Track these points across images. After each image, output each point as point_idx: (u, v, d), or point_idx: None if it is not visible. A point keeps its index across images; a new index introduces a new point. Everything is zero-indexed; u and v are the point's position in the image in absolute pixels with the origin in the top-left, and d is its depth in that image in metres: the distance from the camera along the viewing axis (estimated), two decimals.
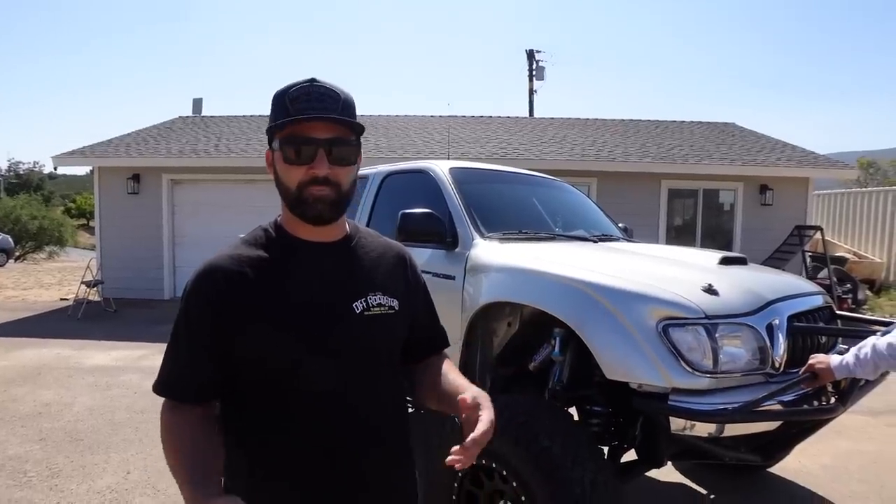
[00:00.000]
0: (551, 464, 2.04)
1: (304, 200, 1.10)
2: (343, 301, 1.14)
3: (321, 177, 1.08)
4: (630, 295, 2.22)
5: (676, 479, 3.66)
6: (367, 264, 1.22)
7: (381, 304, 1.18)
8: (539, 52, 24.01)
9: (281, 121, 1.08)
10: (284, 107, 1.09)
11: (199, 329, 1.09)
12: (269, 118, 1.14)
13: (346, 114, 1.10)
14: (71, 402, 5.01)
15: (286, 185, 1.12)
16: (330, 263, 1.17)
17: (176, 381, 1.11)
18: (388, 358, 1.22)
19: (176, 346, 1.12)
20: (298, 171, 1.09)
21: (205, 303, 1.09)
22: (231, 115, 15.09)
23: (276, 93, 1.12)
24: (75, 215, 38.06)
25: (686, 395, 2.05)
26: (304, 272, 1.14)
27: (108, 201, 11.31)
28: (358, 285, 1.17)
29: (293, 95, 1.09)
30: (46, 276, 15.29)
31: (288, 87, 1.11)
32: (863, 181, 22.61)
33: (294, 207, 1.13)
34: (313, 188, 1.09)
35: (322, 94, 1.09)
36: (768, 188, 10.86)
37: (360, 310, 1.15)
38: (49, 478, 3.55)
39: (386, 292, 1.20)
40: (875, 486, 3.62)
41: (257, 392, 1.11)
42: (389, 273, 1.24)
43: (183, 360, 1.11)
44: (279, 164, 1.12)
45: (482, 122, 14.77)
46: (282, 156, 1.11)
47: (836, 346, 2.65)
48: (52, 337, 7.69)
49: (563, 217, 3.77)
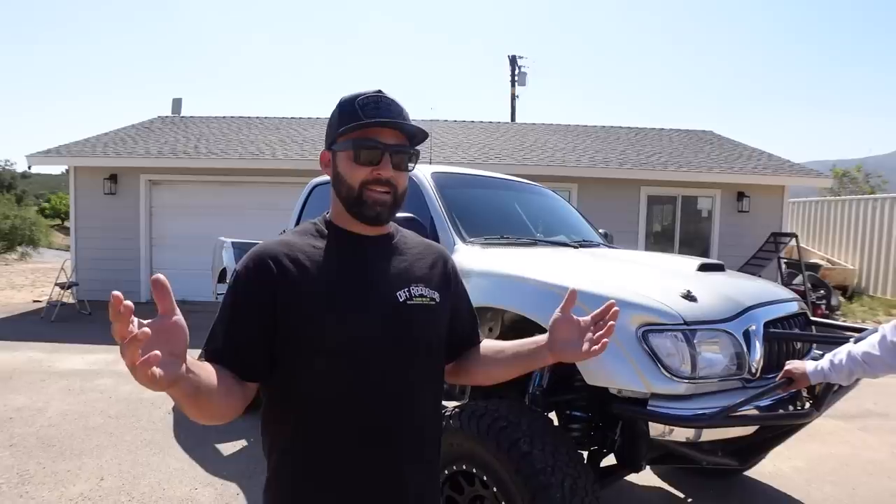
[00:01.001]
0: (531, 469, 2.05)
1: (363, 200, 1.19)
2: (388, 290, 1.21)
3: (384, 178, 1.19)
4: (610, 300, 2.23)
5: (655, 484, 3.70)
6: (410, 258, 1.30)
7: (423, 294, 1.25)
8: (521, 58, 24.18)
9: (355, 123, 1.17)
10: (355, 112, 1.18)
11: (253, 307, 1.12)
12: (331, 121, 1.23)
13: (403, 121, 1.21)
14: (43, 407, 4.90)
15: (349, 184, 1.20)
16: (376, 255, 1.25)
17: (224, 352, 1.11)
18: (428, 347, 1.26)
19: (228, 322, 1.13)
20: (364, 170, 1.19)
21: (260, 282, 1.13)
22: (211, 116, 14.93)
23: (345, 99, 1.22)
24: (49, 215, 37.29)
25: (665, 401, 2.07)
26: (353, 261, 1.21)
27: (83, 201, 11.11)
28: (402, 276, 1.25)
29: (363, 102, 1.19)
30: (18, 278, 14.96)
31: (357, 95, 1.21)
32: (836, 189, 23.09)
33: (352, 206, 1.21)
34: (376, 188, 1.19)
35: (388, 104, 1.20)
36: (745, 195, 11.03)
37: (403, 298, 1.22)
38: (19, 485, 3.47)
39: (428, 285, 1.28)
40: (847, 488, 3.69)
41: (305, 372, 1.14)
42: (430, 268, 1.32)
43: (235, 335, 1.12)
44: (344, 164, 1.21)
45: (464, 126, 14.80)
46: (350, 155, 1.20)
47: (811, 351, 2.70)
48: (24, 340, 7.53)
49: (545, 222, 3.79)
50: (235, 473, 3.70)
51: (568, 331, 1.18)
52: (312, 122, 14.31)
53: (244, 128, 13.48)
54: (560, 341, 1.18)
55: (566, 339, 1.17)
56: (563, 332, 1.18)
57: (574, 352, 1.16)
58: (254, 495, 3.40)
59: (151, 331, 0.86)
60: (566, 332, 1.18)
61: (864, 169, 25.34)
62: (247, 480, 3.60)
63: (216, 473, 3.70)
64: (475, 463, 2.22)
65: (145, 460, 3.87)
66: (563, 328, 1.18)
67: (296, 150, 11.35)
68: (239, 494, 3.44)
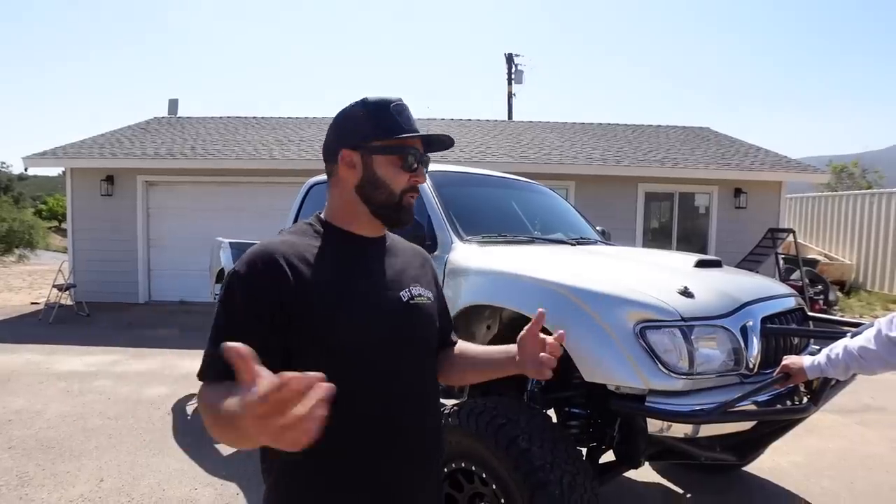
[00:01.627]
0: (530, 465, 2.06)
1: (402, 206, 1.25)
2: (392, 290, 1.25)
3: (419, 185, 1.26)
4: (607, 298, 2.24)
5: (654, 480, 3.71)
6: (404, 260, 1.34)
7: (422, 294, 1.30)
8: (518, 56, 24.16)
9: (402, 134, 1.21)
10: (391, 118, 1.22)
11: (261, 309, 1.08)
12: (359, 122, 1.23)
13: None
14: (42, 409, 4.89)
15: (391, 189, 1.23)
16: (377, 256, 1.29)
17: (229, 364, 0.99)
18: (429, 346, 1.33)
19: (232, 327, 1.05)
20: (406, 177, 1.23)
21: (265, 284, 1.10)
22: (207, 117, 14.91)
23: (374, 100, 1.23)
24: (46, 217, 37.20)
25: (663, 397, 2.08)
26: (358, 262, 1.24)
27: (80, 203, 11.08)
28: (401, 276, 1.29)
29: (398, 109, 1.23)
30: (16, 280, 14.92)
31: (387, 101, 1.23)
32: (833, 185, 23.13)
33: (387, 210, 1.24)
34: (412, 195, 1.26)
35: (410, 112, 1.26)
36: (742, 192, 11.04)
37: (406, 298, 1.26)
38: (19, 486, 3.47)
39: (421, 284, 1.32)
40: (845, 482, 3.70)
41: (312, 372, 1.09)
42: (421, 268, 1.38)
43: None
44: (387, 168, 1.22)
45: (461, 124, 14.80)
46: (394, 161, 1.22)
47: (809, 346, 2.71)
48: (23, 342, 7.50)
49: (542, 220, 3.79)
50: (235, 473, 3.71)
51: (533, 348, 1.23)
52: (309, 122, 14.29)
53: (241, 128, 13.46)
54: (524, 357, 1.25)
55: (530, 355, 1.23)
56: (529, 348, 1.24)
57: (529, 371, 1.24)
58: (253, 495, 3.41)
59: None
60: (531, 348, 1.23)
61: (861, 164, 25.39)
62: (246, 480, 3.60)
63: (216, 474, 3.70)
64: (474, 460, 2.23)
65: (145, 461, 3.87)
66: (530, 345, 1.24)
67: (293, 150, 11.34)
68: (238, 494, 3.45)
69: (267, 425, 0.71)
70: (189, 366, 6.42)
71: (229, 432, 0.84)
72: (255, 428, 0.72)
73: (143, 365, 6.49)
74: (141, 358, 6.80)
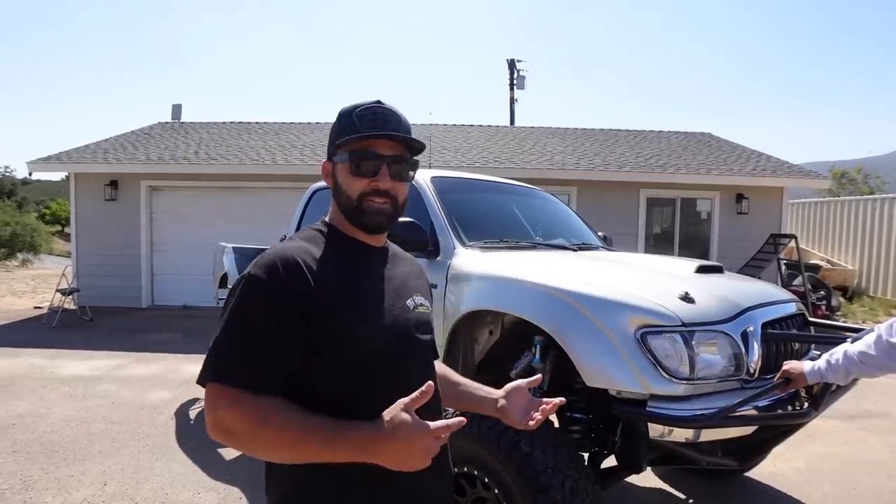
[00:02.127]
0: (532, 470, 2.07)
1: (363, 210, 1.22)
2: (401, 297, 1.27)
3: (383, 189, 1.21)
4: (609, 303, 2.26)
5: (655, 485, 3.71)
6: (405, 269, 1.36)
7: (423, 304, 1.33)
8: (520, 62, 24.25)
9: (352, 136, 1.20)
10: (352, 123, 1.21)
11: (283, 313, 1.08)
12: (332, 133, 1.26)
13: (407, 133, 1.24)
14: (46, 413, 4.91)
15: (347, 195, 1.23)
16: (382, 265, 1.30)
17: (264, 372, 1.05)
18: (433, 350, 1.36)
19: (251, 334, 1.06)
20: (361, 182, 1.21)
21: (288, 288, 1.09)
22: (211, 122, 14.96)
23: (343, 111, 1.25)
24: (50, 222, 37.25)
25: (664, 402, 2.09)
26: (366, 268, 1.25)
27: (84, 208, 11.13)
28: (405, 286, 1.31)
29: (361, 114, 1.21)
30: (19, 284, 14.97)
31: (355, 106, 1.23)
32: (835, 190, 23.11)
33: (352, 216, 1.24)
34: (375, 199, 1.21)
35: (386, 114, 1.22)
36: (744, 197, 11.05)
37: (412, 306, 1.28)
38: (22, 490, 3.48)
39: (422, 294, 1.35)
40: (848, 487, 3.70)
41: (325, 378, 1.13)
42: (418, 279, 1.39)
43: (264, 348, 1.06)
44: (343, 175, 1.23)
45: (463, 130, 14.84)
46: (347, 167, 1.22)
47: (809, 352, 2.72)
48: (26, 346, 7.53)
49: (544, 226, 3.81)
50: (238, 478, 3.72)
51: (519, 399, 1.34)
52: (312, 128, 14.34)
53: (244, 133, 13.51)
54: (511, 406, 1.34)
55: (515, 405, 1.33)
56: (516, 399, 1.34)
57: (514, 419, 1.32)
58: (256, 500, 3.42)
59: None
60: (518, 400, 1.34)
61: (863, 170, 25.37)
62: (249, 485, 3.61)
63: (219, 478, 3.72)
64: (477, 465, 2.24)
65: (148, 465, 3.89)
66: (518, 395, 1.34)
67: (295, 155, 11.39)
68: (241, 499, 3.46)
69: (421, 449, 0.98)
70: (192, 370, 6.43)
71: (327, 448, 1.01)
72: (404, 448, 0.98)
73: (147, 369, 6.51)
74: (144, 362, 6.82)
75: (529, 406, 1.32)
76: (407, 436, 0.97)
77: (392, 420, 0.99)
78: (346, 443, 1.00)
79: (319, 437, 1.01)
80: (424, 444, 0.97)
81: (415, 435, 0.97)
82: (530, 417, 1.28)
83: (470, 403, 1.42)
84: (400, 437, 0.97)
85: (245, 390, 1.03)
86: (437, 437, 0.97)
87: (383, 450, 0.99)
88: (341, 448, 1.01)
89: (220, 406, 1.03)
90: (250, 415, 1.01)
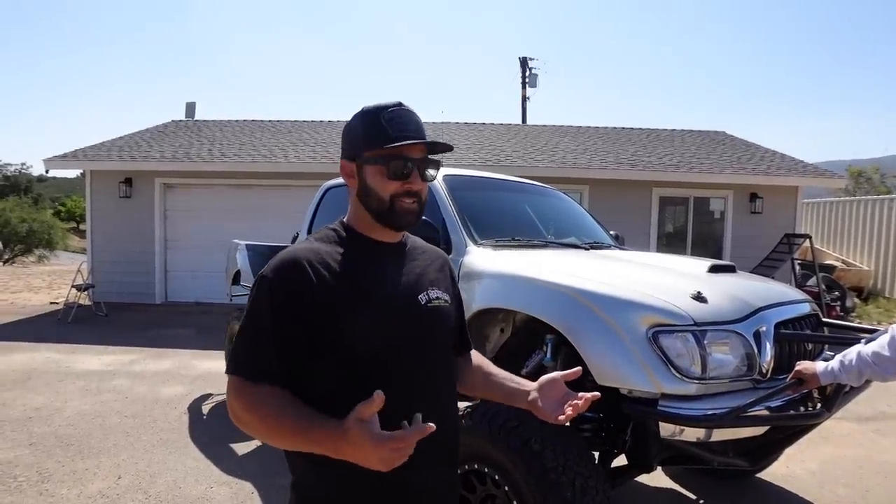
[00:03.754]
0: (542, 468, 2.07)
1: (395, 211, 1.26)
2: (411, 294, 1.29)
3: (415, 190, 1.26)
4: (621, 302, 2.25)
5: (666, 485, 3.70)
6: (422, 263, 1.38)
7: (439, 297, 1.34)
8: (532, 60, 24.19)
9: (389, 145, 1.22)
10: (381, 127, 1.24)
11: (288, 315, 1.15)
12: (353, 133, 1.28)
13: (424, 134, 1.28)
14: (61, 407, 4.99)
15: (379, 196, 1.25)
16: (395, 261, 1.32)
17: (266, 365, 1.14)
18: (447, 348, 1.37)
19: (264, 332, 1.16)
20: (395, 184, 1.24)
21: (293, 289, 1.16)
22: (224, 120, 15.05)
23: (367, 111, 1.27)
24: (65, 218, 37.70)
25: (675, 401, 2.09)
26: (377, 267, 1.28)
27: (99, 205, 11.26)
28: (420, 280, 1.33)
29: (389, 116, 1.24)
30: (36, 280, 15.17)
31: (380, 108, 1.26)
32: (851, 190, 22.82)
33: (382, 216, 1.27)
34: (405, 200, 1.25)
35: (410, 116, 1.27)
36: (758, 196, 10.95)
37: (424, 301, 1.30)
38: (39, 482, 3.54)
39: (439, 287, 1.36)
40: (861, 490, 3.67)
41: (335, 375, 1.18)
42: (438, 272, 1.40)
43: (267, 343, 1.15)
44: (374, 177, 1.25)
45: (475, 128, 14.82)
46: (380, 170, 1.24)
47: (823, 352, 2.70)
48: (42, 341, 7.64)
49: (556, 224, 3.80)
50: (250, 472, 3.75)
51: (553, 392, 1.30)
52: (325, 125, 14.40)
53: (257, 131, 13.59)
54: (545, 399, 1.29)
55: (548, 398, 1.29)
56: (549, 392, 1.30)
57: (546, 413, 1.28)
58: (269, 494, 3.45)
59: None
60: (551, 392, 1.30)
61: (880, 169, 25.02)
62: (262, 479, 3.64)
63: (231, 472, 3.75)
64: (487, 462, 2.25)
65: (161, 459, 3.93)
66: (551, 388, 1.30)
67: (308, 152, 11.44)
68: (254, 493, 3.49)
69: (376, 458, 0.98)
70: (205, 366, 6.50)
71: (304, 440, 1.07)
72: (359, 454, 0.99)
73: (160, 365, 6.58)
74: (158, 358, 6.90)
75: (564, 399, 1.28)
76: (359, 443, 0.98)
77: (346, 425, 1.00)
78: (313, 439, 1.06)
79: (292, 428, 1.08)
80: (379, 455, 0.97)
81: (366, 445, 0.97)
82: (561, 412, 1.25)
83: (502, 399, 1.42)
84: (353, 443, 0.99)
85: (247, 381, 1.13)
86: (393, 449, 0.97)
87: (344, 451, 1.02)
88: (311, 443, 1.06)
89: (230, 394, 1.15)
90: (247, 402, 1.11)
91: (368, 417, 0.98)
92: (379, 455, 0.97)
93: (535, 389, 1.32)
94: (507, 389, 1.41)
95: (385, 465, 0.98)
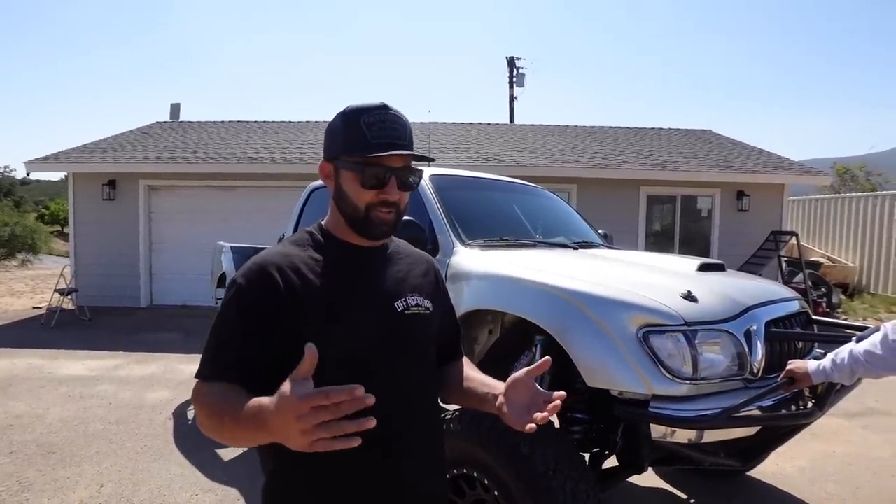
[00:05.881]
0: (532, 472, 2.04)
1: (370, 221, 1.20)
2: (387, 300, 1.24)
3: (391, 201, 1.20)
4: (610, 302, 2.22)
5: (657, 485, 3.68)
6: (404, 268, 1.32)
7: (419, 304, 1.28)
8: (520, 59, 24.23)
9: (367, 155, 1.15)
10: (360, 132, 1.17)
11: (252, 319, 1.13)
12: (333, 133, 1.22)
13: (411, 140, 1.22)
14: (43, 414, 4.89)
15: (355, 204, 1.20)
16: (373, 266, 1.27)
17: (224, 365, 1.11)
18: (424, 356, 1.30)
19: (226, 334, 1.14)
20: (370, 193, 1.19)
21: (259, 294, 1.14)
22: (209, 121, 14.92)
23: (349, 112, 1.20)
24: (48, 222, 37.18)
25: (666, 402, 2.06)
26: (352, 273, 1.23)
27: (82, 207, 11.10)
28: (398, 286, 1.27)
29: (369, 121, 1.17)
30: (18, 284, 14.94)
31: (362, 110, 1.18)
32: (836, 187, 23.05)
33: (356, 223, 1.22)
34: (381, 210, 1.20)
35: (394, 121, 1.19)
36: (745, 194, 11.01)
37: (401, 308, 1.24)
38: (19, 492, 3.46)
39: (421, 294, 1.30)
40: (851, 487, 3.67)
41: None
42: (422, 277, 1.35)
43: (235, 347, 1.12)
44: (350, 184, 1.20)
45: (462, 128, 14.79)
46: (355, 177, 1.19)
47: (813, 350, 2.69)
48: (24, 347, 7.50)
49: (544, 224, 3.78)
50: (236, 479, 3.69)
51: (522, 394, 1.15)
52: (311, 126, 14.30)
53: (242, 132, 13.47)
54: (508, 403, 1.16)
55: (516, 401, 1.15)
56: (518, 393, 1.16)
57: (512, 420, 1.14)
58: (255, 501, 3.39)
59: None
60: (520, 394, 1.15)
61: (865, 166, 25.27)
62: (247, 485, 3.58)
63: (216, 479, 3.69)
64: (476, 467, 2.21)
65: (145, 466, 3.86)
66: (520, 390, 1.15)
67: (294, 153, 11.35)
68: (239, 500, 3.43)
69: (297, 423, 0.85)
70: (191, 370, 6.39)
71: (239, 427, 0.98)
72: (281, 420, 0.87)
73: (145, 369, 6.48)
74: (143, 362, 6.79)
75: (532, 402, 1.13)
76: (282, 405, 0.88)
77: (279, 390, 0.91)
78: (244, 416, 0.97)
79: (231, 415, 1.00)
80: (299, 419, 0.84)
81: (289, 405, 0.86)
82: (530, 419, 1.09)
83: (476, 401, 1.33)
84: (278, 408, 0.89)
85: (203, 382, 1.11)
86: (313, 409, 0.84)
87: (269, 424, 0.91)
88: (243, 423, 0.97)
89: (193, 399, 1.12)
90: (200, 402, 1.09)
91: (303, 375, 0.88)
92: (299, 417, 0.84)
93: (503, 394, 1.20)
94: (479, 395, 1.32)
95: (304, 437, 0.85)
